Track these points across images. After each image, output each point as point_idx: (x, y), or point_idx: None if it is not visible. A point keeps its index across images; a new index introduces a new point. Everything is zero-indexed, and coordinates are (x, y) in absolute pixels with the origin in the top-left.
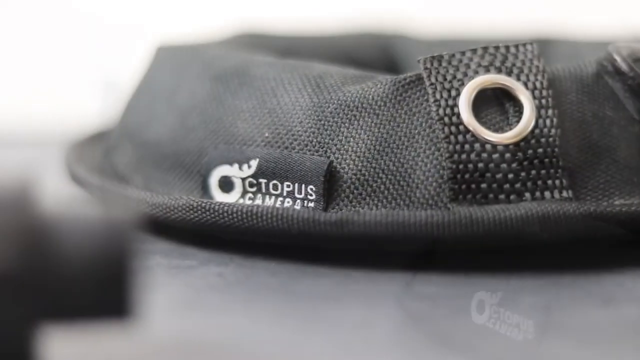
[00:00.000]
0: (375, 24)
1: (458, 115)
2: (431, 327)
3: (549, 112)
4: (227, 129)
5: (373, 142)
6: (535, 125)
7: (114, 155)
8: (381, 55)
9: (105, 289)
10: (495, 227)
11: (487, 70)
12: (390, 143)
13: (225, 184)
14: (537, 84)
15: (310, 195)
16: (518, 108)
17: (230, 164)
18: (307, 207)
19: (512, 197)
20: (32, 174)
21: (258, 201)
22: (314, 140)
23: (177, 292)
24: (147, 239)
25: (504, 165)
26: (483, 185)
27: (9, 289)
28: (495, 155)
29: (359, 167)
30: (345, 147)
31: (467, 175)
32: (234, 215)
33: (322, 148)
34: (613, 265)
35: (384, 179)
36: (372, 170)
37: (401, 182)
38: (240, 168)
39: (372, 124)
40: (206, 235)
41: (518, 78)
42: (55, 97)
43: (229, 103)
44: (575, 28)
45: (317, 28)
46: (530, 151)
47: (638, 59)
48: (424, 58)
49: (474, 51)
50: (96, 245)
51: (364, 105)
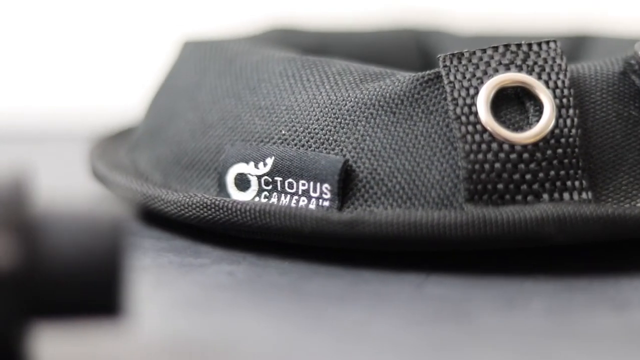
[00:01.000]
0: (411, 19)
1: (476, 114)
2: (435, 330)
3: (570, 111)
4: (245, 126)
5: (389, 140)
6: (555, 125)
7: (136, 152)
8: (416, 52)
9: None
10: (509, 228)
11: (508, 69)
12: (407, 142)
13: (242, 181)
14: (559, 83)
15: (325, 194)
16: (539, 107)
17: (247, 161)
18: (322, 206)
19: (529, 198)
20: (26, 171)
21: (274, 199)
22: (330, 138)
23: (185, 291)
24: (161, 236)
25: (521, 166)
26: (499, 186)
27: None
28: (513, 155)
29: (374, 166)
30: (361, 145)
31: (483, 176)
32: (247, 213)
33: (338, 146)
34: (632, 269)
35: (399, 179)
36: (387, 169)
37: (416, 182)
38: (256, 166)
39: (389, 122)
40: (221, 233)
41: (539, 77)
42: (84, 92)
43: (247, 100)
44: (617, 24)
45: (350, 24)
46: (549, 151)
47: None
48: (444, 55)
49: (496, 49)
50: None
51: (380, 103)
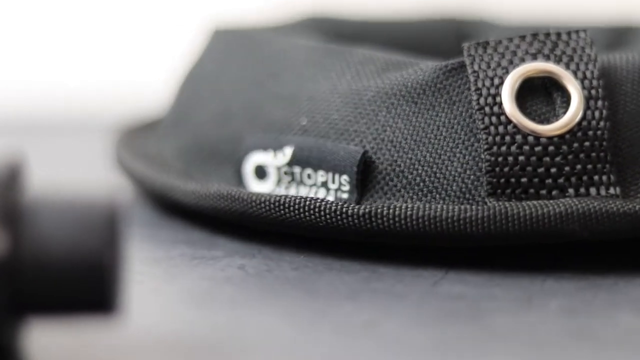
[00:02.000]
0: (453, 8)
1: (500, 105)
2: (445, 330)
3: (599, 103)
4: (265, 115)
5: (410, 131)
6: (583, 116)
7: (162, 140)
8: (456, 42)
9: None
10: (531, 224)
11: (535, 58)
12: (428, 133)
13: (261, 172)
14: (587, 74)
15: (344, 185)
16: (566, 98)
17: (266, 151)
18: (340, 198)
19: (554, 192)
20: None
21: (292, 190)
22: (350, 128)
23: (191, 285)
24: (179, 227)
25: (546, 159)
26: (523, 180)
27: None
28: (538, 148)
29: (394, 158)
30: (381, 136)
31: (506, 169)
32: (262, 205)
33: (357, 137)
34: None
35: (419, 171)
36: (407, 161)
37: (437, 174)
38: (275, 156)
39: (410, 113)
40: (240, 225)
41: (567, 66)
42: (111, 80)
43: (269, 89)
44: None
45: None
46: (576, 144)
47: None
48: (468, 44)
49: (523, 38)
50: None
51: (402, 93)
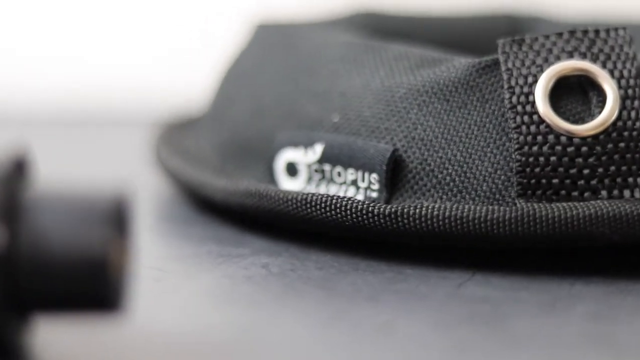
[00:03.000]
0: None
1: (533, 104)
2: (465, 333)
3: (635, 103)
4: (298, 112)
5: (441, 129)
6: (619, 116)
7: (202, 136)
8: None
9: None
10: (560, 226)
11: (571, 56)
12: (459, 131)
13: (292, 169)
14: (625, 72)
15: (374, 184)
16: (602, 98)
17: (297, 148)
18: (370, 197)
19: (586, 194)
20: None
21: (323, 188)
22: (381, 126)
23: (212, 283)
24: (210, 224)
25: (579, 160)
26: (555, 181)
27: None
28: (570, 148)
29: (424, 157)
30: (412, 134)
31: (537, 169)
32: (289, 203)
33: (388, 135)
34: None
35: (450, 170)
36: (438, 160)
37: (468, 174)
38: (306, 153)
39: (442, 111)
40: (270, 224)
41: (604, 65)
42: (152, 75)
43: (303, 85)
44: None
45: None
46: (610, 145)
47: None
48: (503, 41)
49: (560, 35)
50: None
51: (434, 90)
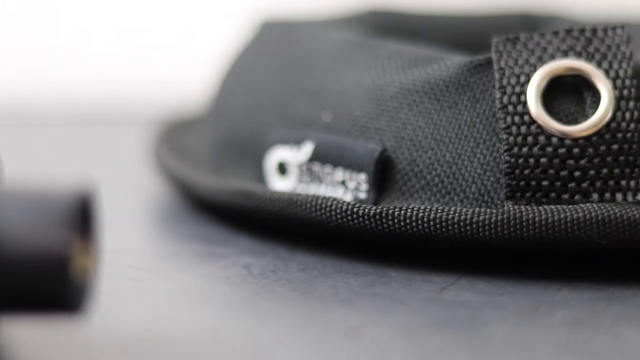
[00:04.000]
0: (528, 3)
1: (524, 104)
2: (437, 339)
3: (630, 104)
4: (292, 110)
5: (431, 129)
6: (612, 117)
7: (202, 134)
8: None
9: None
10: (547, 230)
11: (566, 55)
12: (449, 131)
13: (283, 168)
14: (620, 73)
15: (362, 184)
16: (597, 98)
17: (288, 147)
18: (358, 197)
19: (576, 197)
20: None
21: (313, 188)
22: (371, 126)
23: (189, 283)
24: (201, 223)
25: (570, 162)
26: (544, 183)
27: None
28: (562, 150)
29: (413, 157)
30: (401, 134)
31: (526, 171)
32: (275, 202)
33: (378, 134)
34: None
35: (438, 171)
36: (427, 160)
37: (456, 175)
38: (296, 152)
39: (432, 110)
40: (261, 223)
41: (599, 65)
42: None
43: (297, 83)
44: None
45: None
46: (603, 147)
47: None
48: (497, 39)
49: (556, 34)
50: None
51: (425, 90)
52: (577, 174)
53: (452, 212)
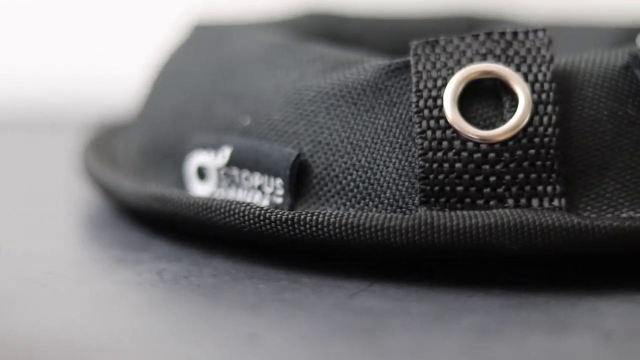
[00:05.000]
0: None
1: (440, 108)
2: (337, 347)
3: (549, 108)
4: (214, 115)
5: (347, 133)
6: (530, 122)
7: (130, 138)
8: None
9: None
10: (458, 236)
11: (484, 59)
12: (365, 136)
13: (202, 173)
14: (539, 76)
15: (279, 189)
16: (516, 103)
17: (207, 152)
18: (275, 202)
19: (492, 203)
20: None
21: (231, 193)
22: (289, 130)
23: (100, 289)
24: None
25: (486, 167)
26: (459, 188)
27: None
28: (477, 155)
29: (330, 162)
30: (318, 138)
31: (441, 176)
32: (191, 207)
33: (296, 139)
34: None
35: (354, 176)
36: (343, 165)
37: (372, 180)
38: (215, 157)
39: (349, 114)
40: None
41: (518, 68)
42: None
43: (221, 87)
44: None
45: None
46: (519, 152)
47: None
48: (417, 42)
49: (476, 37)
50: None
51: (342, 93)
52: (492, 179)
53: (364, 218)
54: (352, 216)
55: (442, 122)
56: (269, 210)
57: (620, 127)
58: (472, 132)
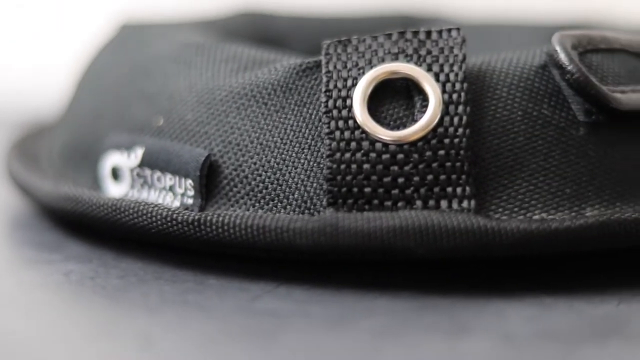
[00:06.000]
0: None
1: (350, 109)
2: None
3: (460, 108)
4: (130, 115)
5: (257, 134)
6: (440, 122)
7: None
8: None
9: None
10: (362, 238)
11: (396, 58)
12: (275, 136)
13: (116, 174)
14: (451, 76)
15: (189, 190)
16: (427, 103)
17: (121, 152)
18: (186, 203)
19: (399, 204)
20: None
21: (144, 193)
22: (201, 130)
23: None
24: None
25: (394, 168)
26: (367, 190)
27: None
28: (386, 156)
29: (239, 162)
30: (229, 139)
31: (348, 177)
32: (101, 209)
33: (207, 139)
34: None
35: (263, 177)
36: (252, 165)
37: (280, 181)
38: (128, 157)
39: (260, 114)
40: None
41: (429, 68)
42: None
43: (138, 87)
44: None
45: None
46: (429, 152)
47: (587, 50)
48: (329, 42)
49: (389, 36)
50: None
51: (253, 93)
52: (400, 180)
53: (269, 219)
54: (258, 217)
55: (350, 122)
56: (176, 212)
57: (534, 128)
58: (381, 132)
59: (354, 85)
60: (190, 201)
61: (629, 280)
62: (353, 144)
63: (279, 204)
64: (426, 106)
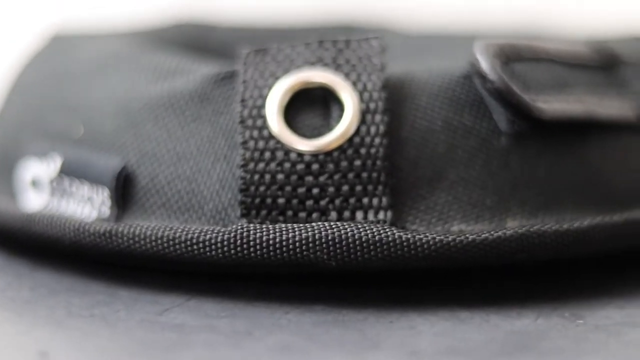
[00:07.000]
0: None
1: (264, 118)
2: None
3: (377, 117)
4: (50, 125)
5: (173, 144)
6: (356, 132)
7: None
8: None
9: None
10: (274, 250)
11: (314, 67)
12: (191, 146)
13: (36, 183)
14: (369, 85)
15: (107, 200)
16: (343, 112)
17: (40, 162)
18: (103, 213)
19: (314, 215)
20: None
21: (64, 203)
22: (119, 140)
23: None
24: None
25: (309, 178)
26: (281, 201)
27: None
28: (300, 166)
29: (155, 172)
30: (145, 149)
31: (262, 188)
32: (16, 220)
33: (124, 149)
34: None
35: (178, 187)
36: (168, 176)
37: (195, 192)
38: (47, 167)
39: (176, 124)
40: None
41: (347, 77)
42: None
43: (61, 97)
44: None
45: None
46: (344, 162)
47: (510, 59)
48: (247, 51)
49: (308, 45)
50: None
51: (170, 102)
52: (315, 191)
53: (180, 231)
54: (169, 229)
55: (265, 132)
56: (88, 223)
57: (454, 138)
58: (297, 142)
59: (270, 94)
60: (107, 212)
61: (551, 293)
62: (267, 154)
63: (194, 214)
64: (342, 115)
